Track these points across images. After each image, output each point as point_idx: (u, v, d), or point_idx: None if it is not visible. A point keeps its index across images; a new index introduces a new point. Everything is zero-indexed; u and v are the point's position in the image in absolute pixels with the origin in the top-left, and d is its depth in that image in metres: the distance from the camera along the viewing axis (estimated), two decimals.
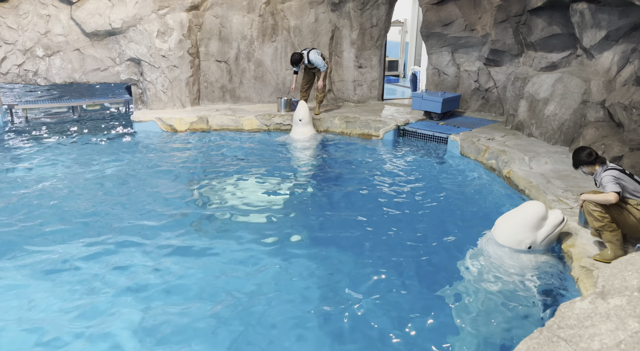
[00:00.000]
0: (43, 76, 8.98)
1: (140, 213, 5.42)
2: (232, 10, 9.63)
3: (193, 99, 9.72)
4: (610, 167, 3.97)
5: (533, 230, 4.24)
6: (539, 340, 1.83)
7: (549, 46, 7.84)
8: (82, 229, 5.00)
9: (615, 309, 1.90)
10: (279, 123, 9.07)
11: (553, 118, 7.18)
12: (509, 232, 4.33)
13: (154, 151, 7.83)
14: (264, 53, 9.95)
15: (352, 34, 10.07)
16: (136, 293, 3.90)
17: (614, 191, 3.77)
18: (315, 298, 3.86)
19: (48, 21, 8.75)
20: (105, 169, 6.90)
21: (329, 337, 3.42)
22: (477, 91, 9.39)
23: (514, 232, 4.29)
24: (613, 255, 3.83)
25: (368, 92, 10.52)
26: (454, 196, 6.08)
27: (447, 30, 9.12)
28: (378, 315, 3.66)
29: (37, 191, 6.03)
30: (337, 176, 6.85)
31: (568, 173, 5.95)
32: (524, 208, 4.37)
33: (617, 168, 3.95)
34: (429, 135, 8.28)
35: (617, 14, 6.51)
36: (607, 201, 3.79)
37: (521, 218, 4.29)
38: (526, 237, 4.26)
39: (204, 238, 4.84)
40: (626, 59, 6.64)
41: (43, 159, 7.38)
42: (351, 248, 4.66)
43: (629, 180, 3.90)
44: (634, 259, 2.20)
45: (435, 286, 4.03)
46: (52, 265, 4.28)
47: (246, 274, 4.18)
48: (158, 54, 9.13)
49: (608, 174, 3.89)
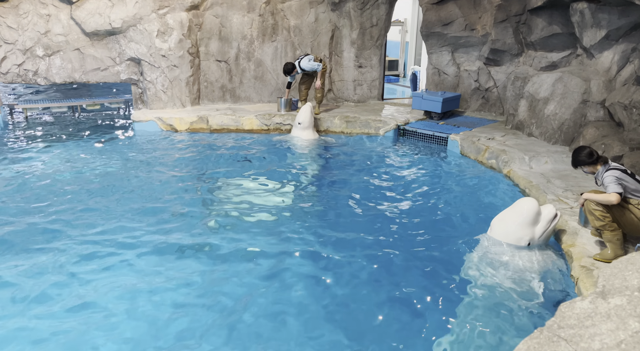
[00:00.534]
0: (43, 75, 8.98)
1: (139, 212, 5.41)
2: (232, 9, 9.63)
3: (193, 98, 9.72)
4: (612, 167, 3.96)
5: (530, 226, 4.34)
6: (539, 339, 1.83)
7: (549, 46, 7.84)
8: (79, 229, 4.97)
9: (616, 309, 1.90)
10: (279, 123, 9.07)
11: (553, 118, 7.18)
12: (507, 230, 4.40)
13: (153, 151, 7.83)
14: (264, 53, 9.95)
15: (352, 34, 10.07)
16: (132, 293, 3.89)
17: (616, 192, 3.77)
18: (311, 298, 3.85)
19: (48, 21, 8.74)
20: (105, 169, 6.89)
21: (325, 336, 3.42)
22: (477, 90, 9.39)
23: (513, 230, 4.36)
24: (613, 255, 3.84)
25: (368, 91, 10.52)
26: (454, 196, 6.08)
27: (447, 29, 9.12)
28: (376, 315, 3.65)
29: (35, 190, 6.02)
30: (336, 176, 6.85)
31: (568, 173, 5.95)
32: (518, 205, 4.45)
33: (619, 168, 3.94)
34: (429, 135, 8.28)
35: (617, 14, 6.51)
36: (608, 201, 3.80)
37: (517, 215, 4.38)
38: (525, 234, 4.34)
39: (203, 238, 4.83)
40: (626, 59, 6.64)
41: (42, 158, 7.38)
42: (349, 248, 4.65)
43: (630, 180, 3.89)
44: (635, 259, 2.20)
45: (434, 286, 4.03)
46: (47, 264, 4.27)
47: (245, 275, 4.18)
48: (158, 53, 9.13)
49: (610, 174, 3.89)
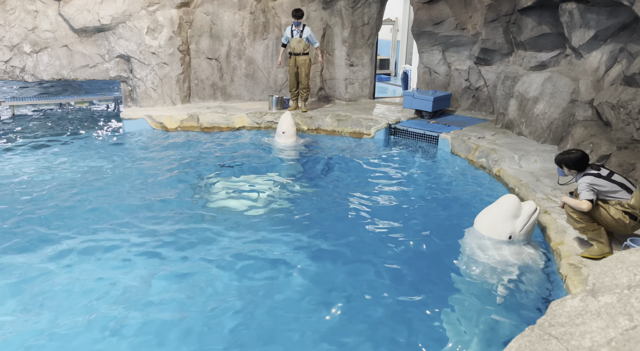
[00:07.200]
0: (30, 72, 8.85)
1: (128, 211, 5.36)
2: (222, 7, 9.57)
3: (183, 96, 9.65)
4: (586, 173, 4.01)
5: (511, 220, 4.51)
6: (530, 337, 1.85)
7: (539, 45, 7.90)
8: (66, 228, 4.90)
9: (606, 307, 1.92)
10: (270, 121, 9.04)
11: (542, 117, 7.24)
12: (489, 224, 4.61)
13: (143, 149, 7.77)
14: (255, 51, 9.91)
15: (343, 32, 10.06)
16: (124, 293, 3.86)
17: (587, 199, 3.85)
18: (305, 298, 3.85)
19: (36, 17, 8.62)
20: (93, 167, 6.82)
21: (320, 335, 3.42)
22: (467, 89, 9.44)
23: (494, 224, 4.57)
24: (600, 251, 3.90)
25: (359, 90, 10.53)
26: (444, 195, 6.12)
27: (438, 29, 9.15)
28: (364, 315, 3.65)
29: (22, 188, 5.93)
30: (327, 175, 6.85)
31: (557, 172, 6.00)
32: (500, 201, 4.67)
33: (592, 173, 3.97)
34: (420, 133, 8.31)
35: (606, 14, 6.58)
36: (580, 208, 3.89)
37: (498, 210, 4.59)
38: (505, 227, 4.51)
39: (193, 237, 4.80)
40: (614, 59, 6.72)
41: (30, 156, 7.28)
42: (339, 247, 4.65)
43: (604, 182, 3.92)
44: (624, 257, 2.23)
45: (424, 285, 4.04)
46: (35, 264, 4.23)
47: (236, 275, 4.17)
48: (148, 51, 9.04)
49: (583, 181, 3.96)
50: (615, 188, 3.92)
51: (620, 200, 3.92)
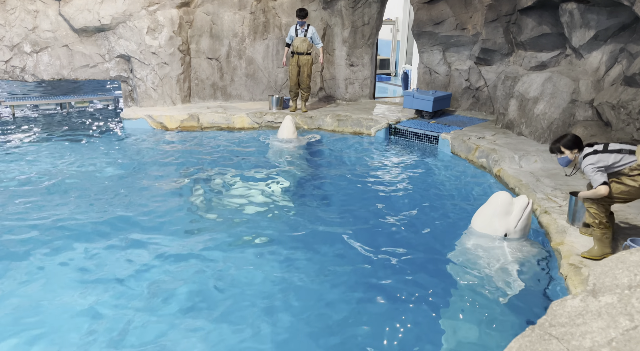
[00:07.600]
0: (31, 72, 8.85)
1: (129, 211, 5.36)
2: (223, 7, 9.57)
3: (184, 96, 9.65)
4: (585, 153, 3.88)
5: (504, 216, 4.51)
6: (530, 337, 1.85)
7: (539, 46, 7.90)
8: (65, 229, 4.89)
9: (607, 307, 1.93)
10: (271, 121, 9.04)
11: (542, 117, 7.24)
12: (484, 223, 4.63)
13: (143, 149, 7.76)
14: (255, 50, 9.91)
15: (343, 32, 10.07)
16: (122, 291, 3.86)
17: (601, 183, 3.75)
18: (301, 296, 3.85)
19: (36, 17, 8.62)
20: (94, 167, 6.82)
21: (315, 334, 3.42)
22: (467, 89, 9.44)
23: (489, 222, 4.57)
24: (600, 252, 3.89)
25: (360, 90, 10.53)
26: (444, 194, 6.12)
27: (438, 29, 9.15)
28: (362, 314, 3.64)
29: (22, 188, 5.94)
30: (327, 174, 6.85)
31: (557, 172, 6.01)
32: (491, 199, 4.68)
33: (590, 152, 3.85)
34: (420, 133, 8.31)
35: (606, 14, 6.58)
36: (600, 195, 3.78)
37: (491, 207, 4.60)
38: (500, 224, 4.52)
39: (193, 237, 4.80)
40: (614, 59, 6.72)
41: (30, 156, 7.28)
42: (338, 247, 4.65)
43: (605, 156, 3.80)
44: (625, 257, 2.23)
45: (422, 285, 4.04)
46: (35, 264, 4.23)
47: (236, 274, 4.17)
48: (148, 50, 9.04)
49: (586, 163, 3.82)
50: (618, 157, 3.78)
51: (628, 166, 3.77)
